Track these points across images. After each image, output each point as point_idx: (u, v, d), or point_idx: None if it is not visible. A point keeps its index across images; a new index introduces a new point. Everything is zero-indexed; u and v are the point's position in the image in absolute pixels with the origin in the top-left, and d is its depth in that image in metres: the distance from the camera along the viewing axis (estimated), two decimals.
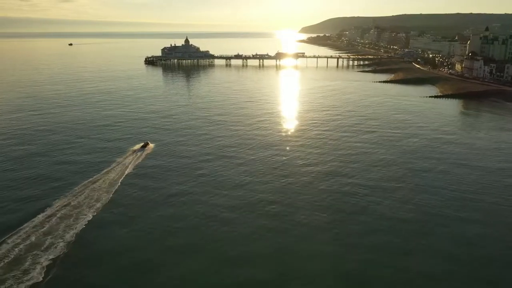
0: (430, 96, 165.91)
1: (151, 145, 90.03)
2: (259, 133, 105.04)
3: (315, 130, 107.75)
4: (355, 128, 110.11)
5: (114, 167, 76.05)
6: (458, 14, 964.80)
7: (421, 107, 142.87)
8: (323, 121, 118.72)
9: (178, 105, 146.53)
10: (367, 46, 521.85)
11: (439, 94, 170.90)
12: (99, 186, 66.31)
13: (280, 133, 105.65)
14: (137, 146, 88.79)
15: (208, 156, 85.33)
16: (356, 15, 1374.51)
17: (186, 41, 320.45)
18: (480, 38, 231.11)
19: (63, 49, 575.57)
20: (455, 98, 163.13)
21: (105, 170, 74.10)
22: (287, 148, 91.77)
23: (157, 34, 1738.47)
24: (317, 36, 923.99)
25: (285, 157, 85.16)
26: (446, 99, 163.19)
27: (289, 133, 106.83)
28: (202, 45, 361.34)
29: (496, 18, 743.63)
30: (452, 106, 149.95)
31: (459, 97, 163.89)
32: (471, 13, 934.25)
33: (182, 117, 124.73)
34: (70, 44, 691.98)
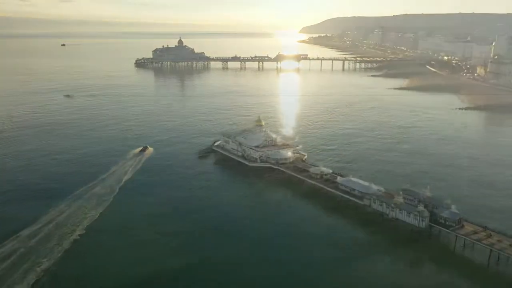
0: (460, 108, 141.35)
1: (150, 149, 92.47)
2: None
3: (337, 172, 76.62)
4: (391, 165, 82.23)
5: (114, 170, 76.79)
6: (460, 14, 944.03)
7: (460, 125, 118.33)
8: (347, 157, 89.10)
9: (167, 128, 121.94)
10: (371, 47, 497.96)
11: (471, 105, 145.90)
12: (99, 190, 67.33)
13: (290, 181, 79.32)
14: (137, 150, 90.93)
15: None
16: (356, 15, 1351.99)
17: (180, 42, 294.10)
18: (507, 39, 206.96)
19: (55, 50, 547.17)
20: (490, 111, 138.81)
21: (104, 174, 74.15)
22: (296, 210, 65.90)
23: (157, 34, 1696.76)
24: (318, 36, 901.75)
25: (293, 228, 59.82)
26: (481, 111, 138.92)
27: (303, 183, 74.66)
28: (200, 45, 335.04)
29: (498, 18, 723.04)
30: (494, 122, 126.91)
31: (495, 109, 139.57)
32: (473, 13, 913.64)
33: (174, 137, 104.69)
34: (63, 45, 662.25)
